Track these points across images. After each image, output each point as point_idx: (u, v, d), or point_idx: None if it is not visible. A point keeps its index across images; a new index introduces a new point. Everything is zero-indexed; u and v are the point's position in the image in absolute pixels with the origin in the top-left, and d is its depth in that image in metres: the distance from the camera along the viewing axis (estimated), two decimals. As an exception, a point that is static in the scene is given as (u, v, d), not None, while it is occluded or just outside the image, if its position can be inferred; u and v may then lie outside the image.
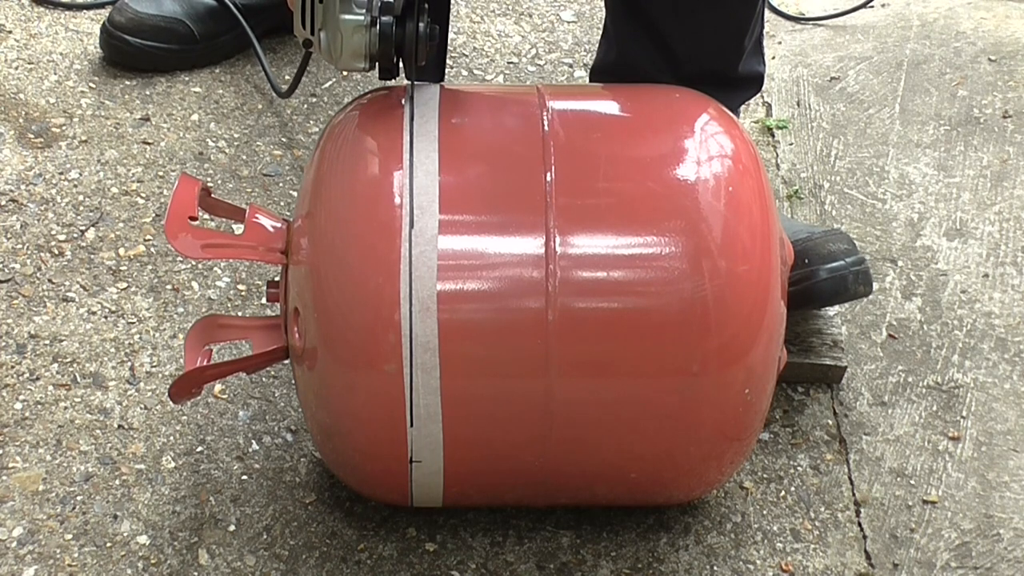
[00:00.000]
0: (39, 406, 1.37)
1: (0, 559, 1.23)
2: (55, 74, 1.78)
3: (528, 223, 1.09)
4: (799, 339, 1.45)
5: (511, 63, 1.84)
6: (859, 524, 1.32)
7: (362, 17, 1.12)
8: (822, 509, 1.33)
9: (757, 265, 1.12)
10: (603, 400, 1.12)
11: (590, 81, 1.57)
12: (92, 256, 1.53)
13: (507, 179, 1.11)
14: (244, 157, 1.68)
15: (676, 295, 1.10)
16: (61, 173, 1.63)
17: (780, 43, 1.95)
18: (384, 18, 1.12)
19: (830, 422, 1.41)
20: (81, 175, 1.63)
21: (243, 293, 1.50)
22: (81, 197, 1.60)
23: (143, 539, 1.26)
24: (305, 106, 1.77)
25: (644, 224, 1.11)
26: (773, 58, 1.89)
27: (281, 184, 1.65)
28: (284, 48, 1.86)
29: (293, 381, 1.29)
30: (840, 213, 1.66)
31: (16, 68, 1.79)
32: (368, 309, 1.08)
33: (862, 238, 1.62)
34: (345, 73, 1.79)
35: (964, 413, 1.43)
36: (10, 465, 1.31)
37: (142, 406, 1.38)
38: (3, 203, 1.59)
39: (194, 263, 1.52)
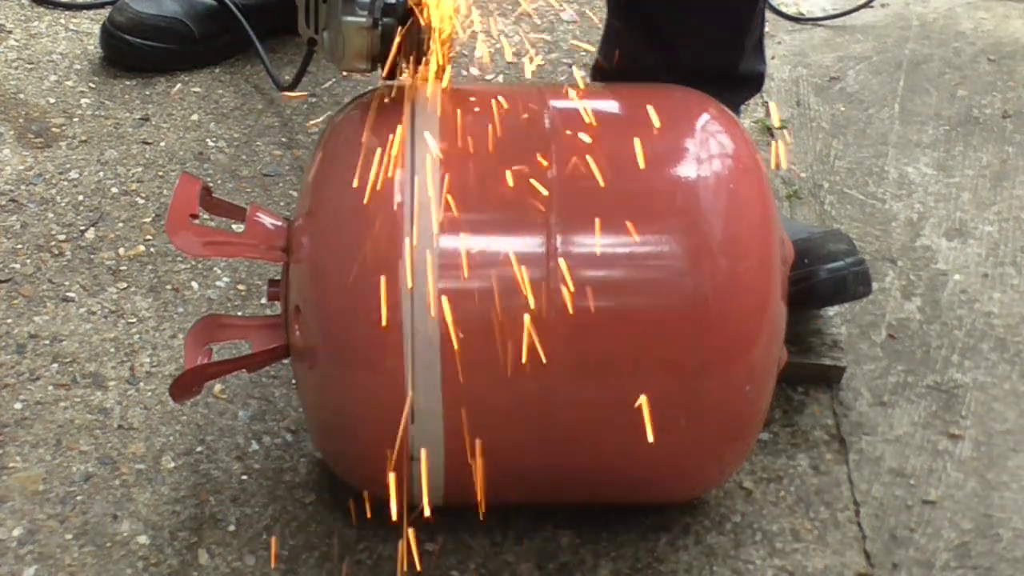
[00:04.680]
0: (39, 406, 1.37)
1: (0, 559, 1.23)
2: (55, 74, 1.78)
3: (529, 221, 1.09)
4: (799, 339, 1.45)
5: (511, 63, 1.84)
6: (859, 524, 1.32)
7: (364, 19, 1.12)
8: (822, 509, 1.33)
9: (757, 263, 1.12)
10: (603, 398, 1.12)
11: (591, 81, 1.57)
12: (92, 256, 1.53)
13: (508, 177, 1.11)
14: (244, 157, 1.68)
15: (677, 293, 1.10)
16: (61, 173, 1.63)
17: (780, 43, 1.95)
18: (386, 20, 1.12)
19: (830, 422, 1.41)
20: (81, 175, 1.63)
21: (243, 293, 1.50)
22: (81, 197, 1.60)
23: (143, 539, 1.26)
24: (305, 106, 1.77)
25: (645, 223, 1.11)
26: (773, 58, 1.89)
27: (281, 184, 1.65)
28: (284, 48, 1.86)
29: (293, 380, 1.29)
30: (840, 213, 1.66)
31: (16, 68, 1.79)
32: (369, 307, 1.08)
33: (862, 238, 1.62)
34: (346, 73, 1.79)
35: (964, 413, 1.43)
36: (10, 465, 1.31)
37: (142, 406, 1.38)
38: (3, 203, 1.59)
39: (194, 263, 1.52)
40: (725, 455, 1.20)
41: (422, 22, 1.13)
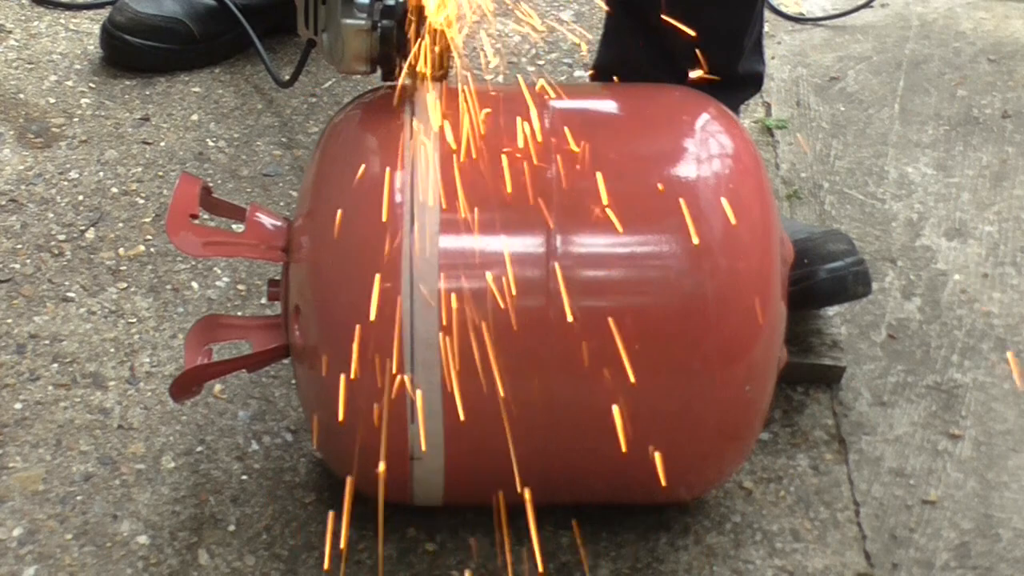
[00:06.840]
0: (39, 406, 1.37)
1: (0, 559, 1.23)
2: (55, 74, 1.78)
3: (529, 221, 1.09)
4: (799, 339, 1.45)
5: (511, 63, 1.84)
6: (859, 524, 1.32)
7: (363, 21, 1.13)
8: (822, 509, 1.33)
9: (757, 263, 1.12)
10: (603, 398, 1.12)
11: (590, 81, 1.57)
12: (92, 256, 1.53)
13: (508, 177, 1.11)
14: (244, 157, 1.68)
15: (677, 293, 1.10)
16: (61, 173, 1.63)
17: (780, 43, 1.95)
18: (385, 22, 1.12)
19: (830, 422, 1.41)
20: (81, 175, 1.63)
21: (243, 293, 1.50)
22: (81, 197, 1.60)
23: (143, 539, 1.26)
24: (305, 106, 1.77)
25: (645, 222, 1.11)
26: (773, 58, 1.89)
27: (281, 184, 1.65)
28: (284, 48, 1.86)
29: (293, 380, 1.29)
30: (840, 213, 1.66)
31: (16, 68, 1.79)
32: (369, 307, 1.08)
33: (862, 238, 1.62)
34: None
35: (964, 413, 1.43)
36: (10, 465, 1.31)
37: (142, 406, 1.38)
38: (3, 203, 1.59)
39: (194, 263, 1.52)
40: (725, 455, 1.20)
41: (421, 23, 1.13)
